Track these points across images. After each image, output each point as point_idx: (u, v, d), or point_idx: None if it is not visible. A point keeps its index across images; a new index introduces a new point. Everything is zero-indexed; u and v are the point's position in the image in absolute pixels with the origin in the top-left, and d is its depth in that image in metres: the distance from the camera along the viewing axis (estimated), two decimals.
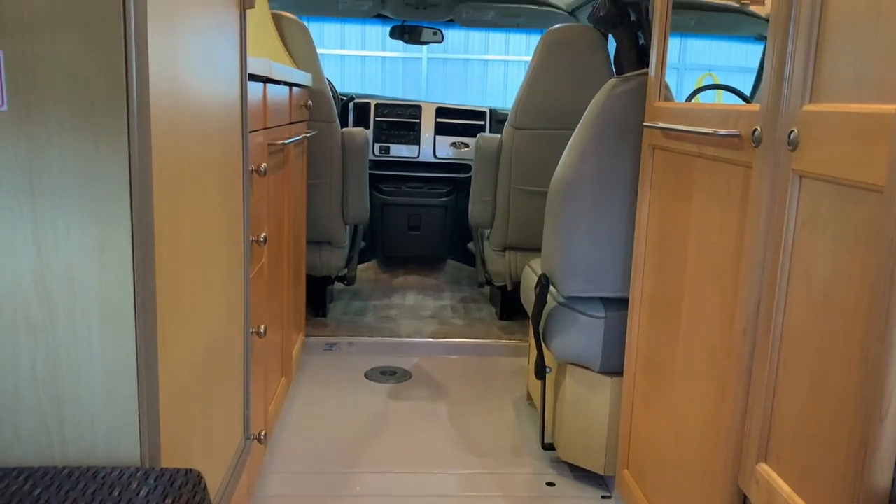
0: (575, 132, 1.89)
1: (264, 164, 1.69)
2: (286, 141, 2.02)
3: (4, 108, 0.83)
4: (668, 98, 1.75)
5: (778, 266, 1.11)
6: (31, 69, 0.82)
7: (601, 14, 2.81)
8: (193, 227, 1.14)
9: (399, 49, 9.11)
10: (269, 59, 1.85)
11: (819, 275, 1.02)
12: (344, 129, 2.98)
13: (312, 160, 2.86)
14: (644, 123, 1.69)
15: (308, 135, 2.54)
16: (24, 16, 0.81)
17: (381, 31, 8.36)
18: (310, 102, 2.63)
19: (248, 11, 1.47)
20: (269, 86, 1.87)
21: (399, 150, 3.81)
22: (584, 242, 1.84)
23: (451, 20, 3.83)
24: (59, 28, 0.82)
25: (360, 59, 9.35)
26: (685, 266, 1.50)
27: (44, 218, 0.86)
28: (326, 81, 2.94)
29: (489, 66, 9.55)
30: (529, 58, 3.00)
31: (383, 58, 9.31)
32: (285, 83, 2.16)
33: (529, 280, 2.29)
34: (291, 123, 2.30)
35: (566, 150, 1.91)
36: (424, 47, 8.89)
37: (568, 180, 1.85)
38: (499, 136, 3.00)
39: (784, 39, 1.12)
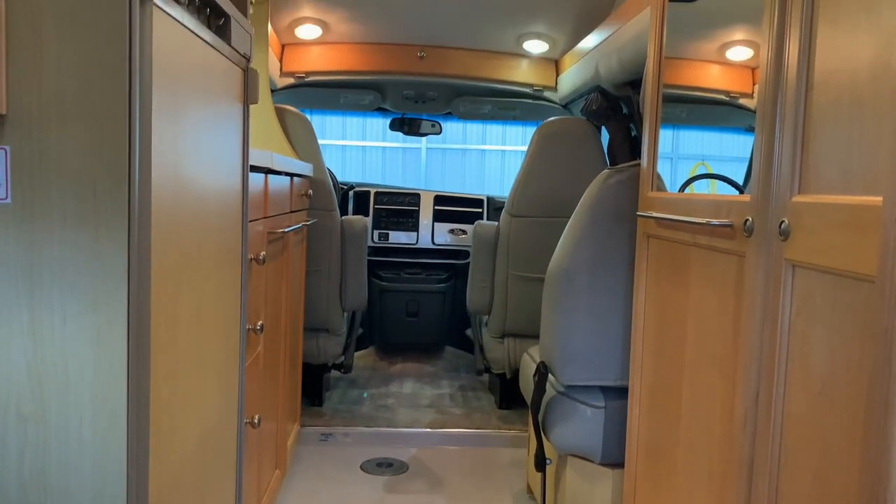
0: (570, 221, 1.92)
1: (263, 253, 1.71)
2: (286, 230, 2.05)
3: (8, 200, 0.85)
4: (661, 188, 1.79)
5: (775, 355, 1.11)
6: (36, 163, 0.85)
7: (594, 108, 2.90)
8: (190, 317, 1.14)
9: (399, 140, 9.33)
10: (271, 150, 1.89)
11: (817, 364, 1.01)
12: (343, 217, 3.02)
13: (312, 247, 2.88)
14: (638, 213, 1.72)
15: (308, 223, 2.58)
16: (32, 110, 0.84)
17: (381, 122, 8.59)
18: (310, 191, 2.68)
19: (252, 106, 1.52)
20: (270, 176, 1.91)
21: (398, 237, 3.85)
22: (582, 330, 1.84)
23: (449, 113, 3.95)
24: (65, 122, 0.84)
25: (361, 149, 9.56)
26: (684, 354, 1.49)
27: (41, 309, 0.86)
28: (327, 171, 3.00)
29: (487, 156, 9.76)
30: (525, 148, 3.08)
31: (383, 148, 9.53)
32: (286, 173, 2.21)
33: (528, 368, 2.27)
34: (292, 212, 2.34)
35: (562, 238, 1.93)
36: (423, 138, 9.11)
37: (565, 268, 1.86)
38: (496, 223, 3.05)
39: (771, 132, 1.16)
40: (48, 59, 0.84)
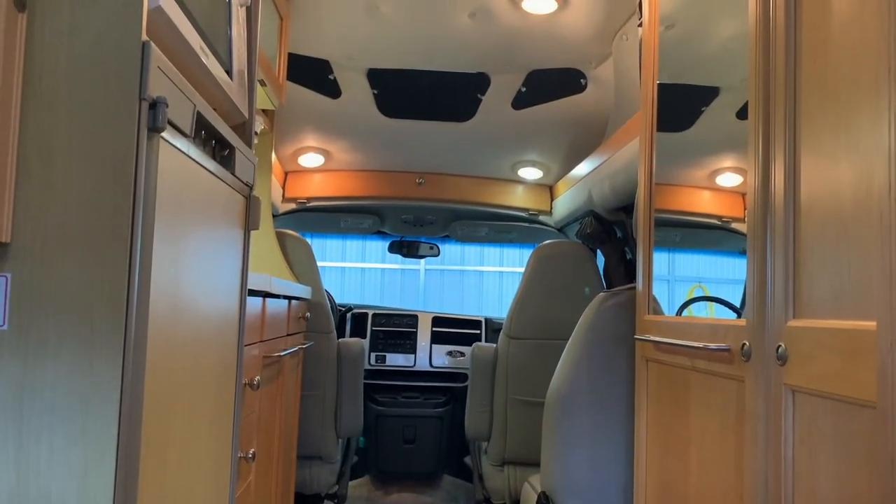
0: (568, 345, 1.91)
1: (258, 378, 1.69)
2: (282, 353, 2.04)
3: (5, 327, 0.85)
4: (658, 311, 1.79)
5: (781, 485, 1.07)
6: (35, 290, 0.85)
7: (588, 231, 2.96)
8: (181, 445, 1.11)
9: (397, 261, 9.47)
10: (270, 273, 1.91)
11: (824, 494, 0.98)
12: (340, 340, 3.01)
13: (307, 371, 2.85)
14: (636, 336, 1.72)
15: (304, 346, 2.56)
16: (35, 238, 0.85)
17: (380, 244, 8.74)
18: (308, 314, 2.68)
19: (253, 231, 1.55)
20: (268, 300, 1.91)
21: (395, 360, 3.81)
22: (583, 458, 1.79)
23: (447, 236, 4.02)
24: (66, 250, 0.86)
25: (360, 271, 9.66)
26: (688, 484, 1.44)
27: (29, 439, 0.84)
28: (325, 293, 3.02)
29: (484, 277, 9.85)
30: (523, 269, 3.11)
31: (382, 270, 9.63)
32: (284, 296, 2.22)
33: (529, 498, 2.19)
34: (288, 335, 2.33)
35: (560, 362, 1.92)
36: (422, 259, 9.21)
37: (564, 394, 1.84)
38: (494, 345, 3.03)
39: (762, 257, 1.17)
40: (55, 188, 0.86)
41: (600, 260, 3.10)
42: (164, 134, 0.93)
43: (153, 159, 0.91)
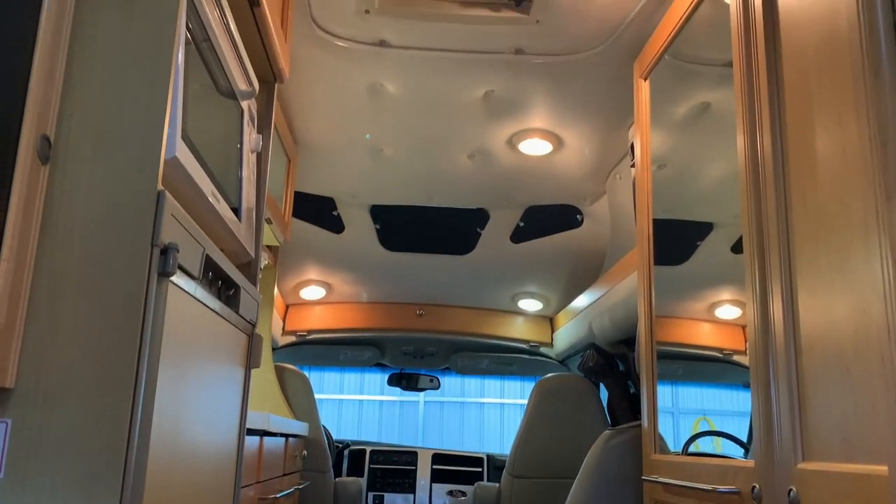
0: (574, 486, 1.85)
1: None
2: (277, 495, 1.97)
3: (1, 475, 0.83)
4: (664, 449, 1.75)
5: None
6: (35, 436, 0.84)
7: (590, 365, 2.94)
8: None
9: (396, 393, 9.30)
10: (268, 408, 1.89)
11: None
12: (337, 479, 2.92)
13: None
14: (643, 477, 1.67)
15: (300, 486, 2.48)
16: (38, 384, 0.85)
17: (379, 376, 8.64)
18: (305, 452, 2.61)
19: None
20: (265, 438, 1.88)
21: (394, 500, 3.67)
22: None
23: (448, 368, 3.99)
24: (69, 394, 0.85)
25: (358, 403, 9.49)
26: None
27: None
28: (322, 429, 2.96)
29: (485, 409, 9.66)
30: (524, 401, 3.07)
31: (381, 402, 9.45)
32: (282, 434, 2.17)
33: None
34: (284, 475, 2.26)
35: (567, 503, 1.85)
36: (421, 392, 9.07)
37: None
38: (497, 484, 2.93)
39: (766, 395, 1.17)
40: (62, 333, 0.87)
41: (603, 393, 3.06)
42: (172, 277, 0.95)
43: (161, 302, 0.92)
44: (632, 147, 2.30)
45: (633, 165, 2.29)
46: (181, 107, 0.99)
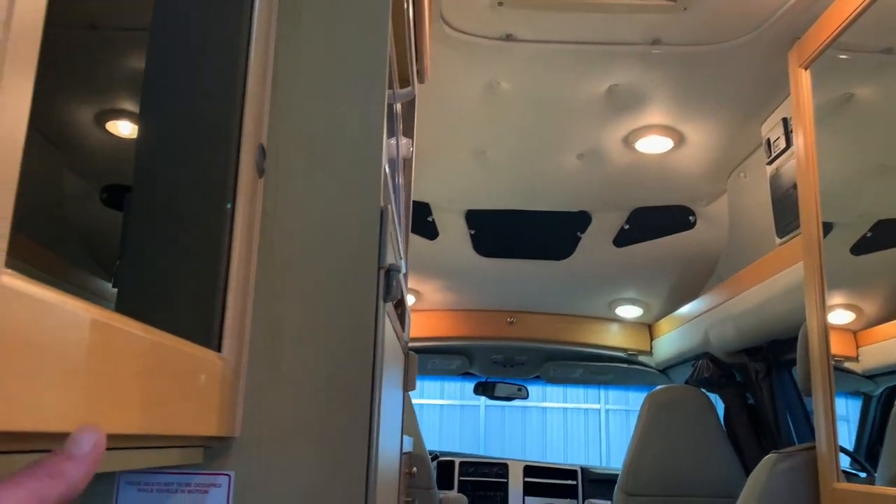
0: None
1: None
2: None
3: None
4: (839, 476, 1.59)
5: None
6: (260, 490, 0.73)
7: (706, 375, 2.78)
8: None
9: (456, 397, 9.21)
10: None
11: None
12: (441, 495, 2.80)
13: None
14: None
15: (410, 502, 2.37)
16: (262, 433, 0.74)
17: (437, 382, 8.55)
18: (414, 469, 2.50)
19: None
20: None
21: None
22: None
23: (538, 377, 3.85)
24: (294, 444, 0.74)
25: (419, 407, 9.41)
26: None
27: None
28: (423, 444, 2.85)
29: (548, 414, 9.48)
30: (587, 405, 2.91)
31: (441, 406, 9.35)
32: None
33: None
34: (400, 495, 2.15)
35: None
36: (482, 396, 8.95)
37: None
38: (609, 502, 2.78)
39: None
40: (285, 371, 0.76)
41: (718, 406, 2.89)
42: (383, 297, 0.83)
43: (381, 333, 0.81)
44: (768, 142, 2.14)
45: (770, 162, 2.12)
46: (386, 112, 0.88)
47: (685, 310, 2.93)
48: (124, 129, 1.14)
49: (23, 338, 0.34)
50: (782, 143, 2.05)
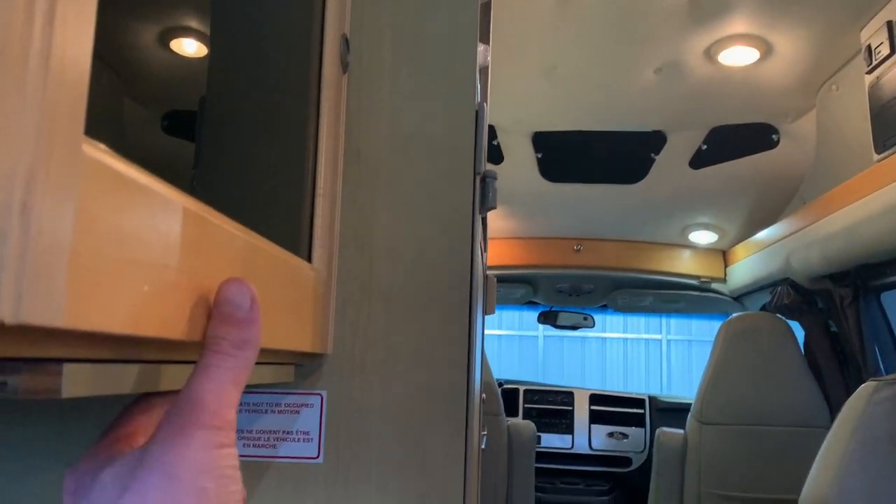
0: (828, 443, 1.62)
1: None
2: (483, 446, 1.83)
3: (320, 460, 0.68)
4: None
5: None
6: (354, 412, 0.68)
7: (786, 302, 2.66)
8: None
9: (514, 327, 9.21)
10: None
11: None
12: (510, 422, 2.79)
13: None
14: None
15: (483, 433, 2.36)
16: (356, 354, 0.69)
17: (497, 310, 8.55)
18: (484, 395, 2.48)
19: None
20: None
21: (550, 441, 3.54)
22: None
23: (605, 305, 3.77)
24: (390, 362, 0.69)
25: None
26: None
27: None
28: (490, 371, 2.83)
29: (607, 345, 9.41)
30: (648, 336, 2.82)
31: (499, 336, 9.38)
32: None
33: None
34: None
35: (818, 463, 1.62)
36: (541, 325, 8.94)
37: (831, 502, 1.54)
38: (682, 431, 2.72)
39: None
40: (377, 283, 0.70)
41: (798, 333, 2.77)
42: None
43: (479, 249, 0.74)
44: (869, 49, 1.96)
45: (869, 71, 1.95)
46: None
47: (764, 234, 2.79)
48: (189, 47, 1.08)
49: (105, 220, 0.28)
50: (885, 49, 1.88)
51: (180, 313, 0.35)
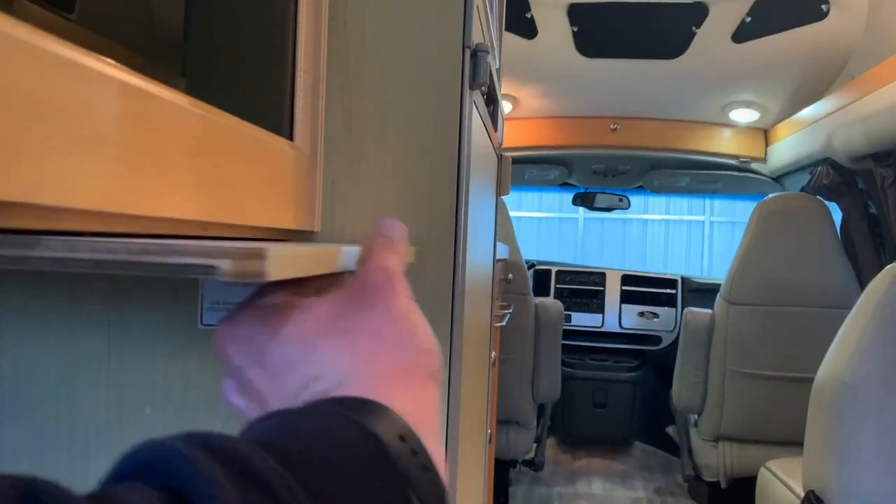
0: (849, 323, 1.62)
1: (494, 353, 1.54)
2: (503, 323, 1.88)
3: None
4: None
5: None
6: None
7: (825, 182, 2.58)
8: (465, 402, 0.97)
9: (554, 209, 9.18)
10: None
11: None
12: (537, 301, 2.84)
13: (504, 333, 2.70)
14: None
15: (509, 311, 2.41)
16: (344, 228, 0.70)
17: (536, 194, 8.49)
18: (510, 275, 2.52)
19: None
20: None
21: (581, 319, 3.61)
22: (870, 464, 1.51)
23: (641, 186, 3.72)
24: None
25: (516, 220, 9.46)
26: None
27: None
28: (519, 251, 2.85)
29: (649, 226, 9.35)
30: (691, 217, 2.78)
31: (539, 218, 9.37)
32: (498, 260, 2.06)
33: (770, 488, 1.94)
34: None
35: (837, 341, 1.63)
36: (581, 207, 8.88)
37: (845, 380, 1.55)
38: (710, 311, 2.74)
39: None
40: (364, 160, 0.70)
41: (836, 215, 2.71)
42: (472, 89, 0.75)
43: (467, 122, 0.73)
44: None
45: None
46: None
47: (807, 112, 2.68)
48: None
49: (26, 95, 0.29)
50: None
51: (126, 185, 0.36)
